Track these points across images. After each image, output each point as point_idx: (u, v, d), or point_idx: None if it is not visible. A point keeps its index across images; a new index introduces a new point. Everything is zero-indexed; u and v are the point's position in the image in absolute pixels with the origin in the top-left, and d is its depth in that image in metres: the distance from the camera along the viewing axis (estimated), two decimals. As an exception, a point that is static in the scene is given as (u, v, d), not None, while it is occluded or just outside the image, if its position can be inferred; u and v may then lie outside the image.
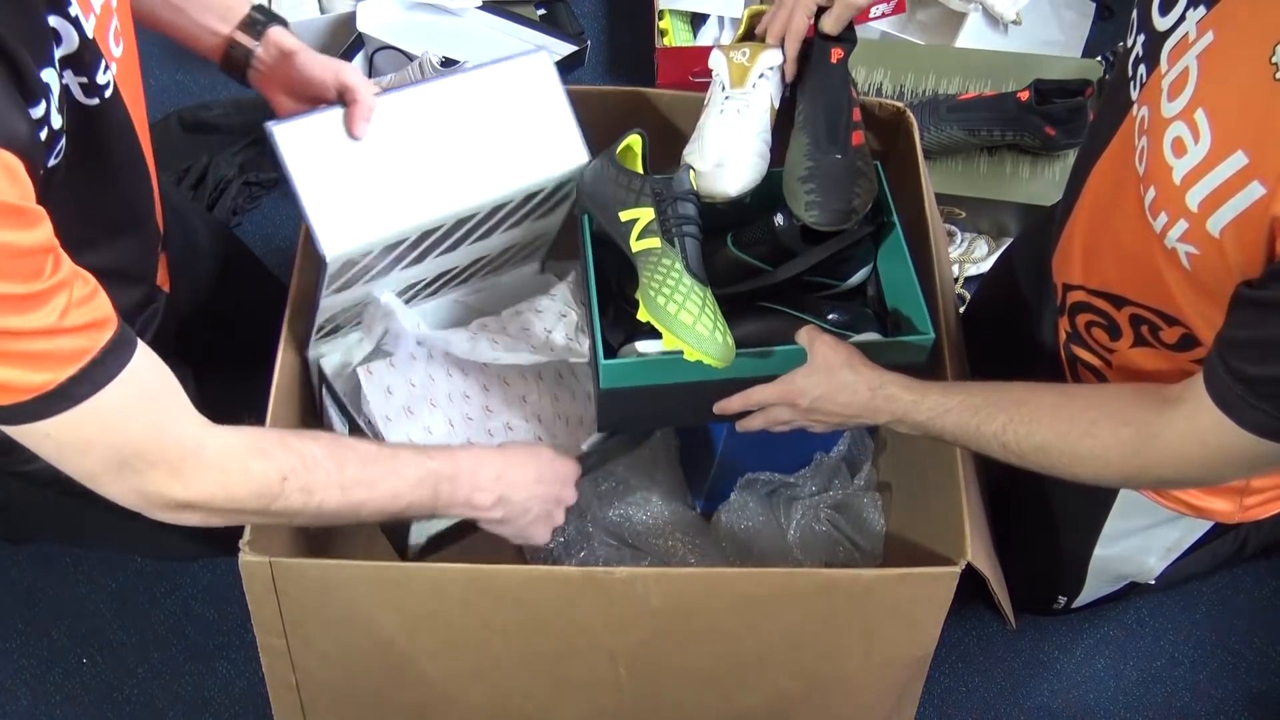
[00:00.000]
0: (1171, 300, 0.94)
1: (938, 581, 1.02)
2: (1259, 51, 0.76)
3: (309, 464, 0.90)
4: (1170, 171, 0.83)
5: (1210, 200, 0.80)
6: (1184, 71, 0.83)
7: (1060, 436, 0.92)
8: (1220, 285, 0.84)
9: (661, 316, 1.01)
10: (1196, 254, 0.84)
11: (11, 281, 0.71)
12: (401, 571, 1.02)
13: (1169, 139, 0.83)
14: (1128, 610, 1.50)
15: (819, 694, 1.12)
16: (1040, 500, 1.27)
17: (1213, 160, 0.79)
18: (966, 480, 1.09)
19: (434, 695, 1.11)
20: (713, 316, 1.02)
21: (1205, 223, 0.81)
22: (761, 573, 1.05)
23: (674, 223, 1.07)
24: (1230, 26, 0.80)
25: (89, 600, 1.48)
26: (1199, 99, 0.81)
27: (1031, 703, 1.44)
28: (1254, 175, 0.76)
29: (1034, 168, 1.70)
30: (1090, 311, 1.06)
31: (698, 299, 1.02)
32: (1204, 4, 0.83)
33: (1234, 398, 0.81)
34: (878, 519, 1.34)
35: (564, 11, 1.99)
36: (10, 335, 0.72)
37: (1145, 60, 0.90)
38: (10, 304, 0.71)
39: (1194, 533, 1.23)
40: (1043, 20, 1.99)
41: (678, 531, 1.38)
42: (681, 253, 1.05)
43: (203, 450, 0.85)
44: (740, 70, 1.15)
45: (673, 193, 1.07)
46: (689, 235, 1.06)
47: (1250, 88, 0.77)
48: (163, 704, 1.41)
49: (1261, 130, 0.76)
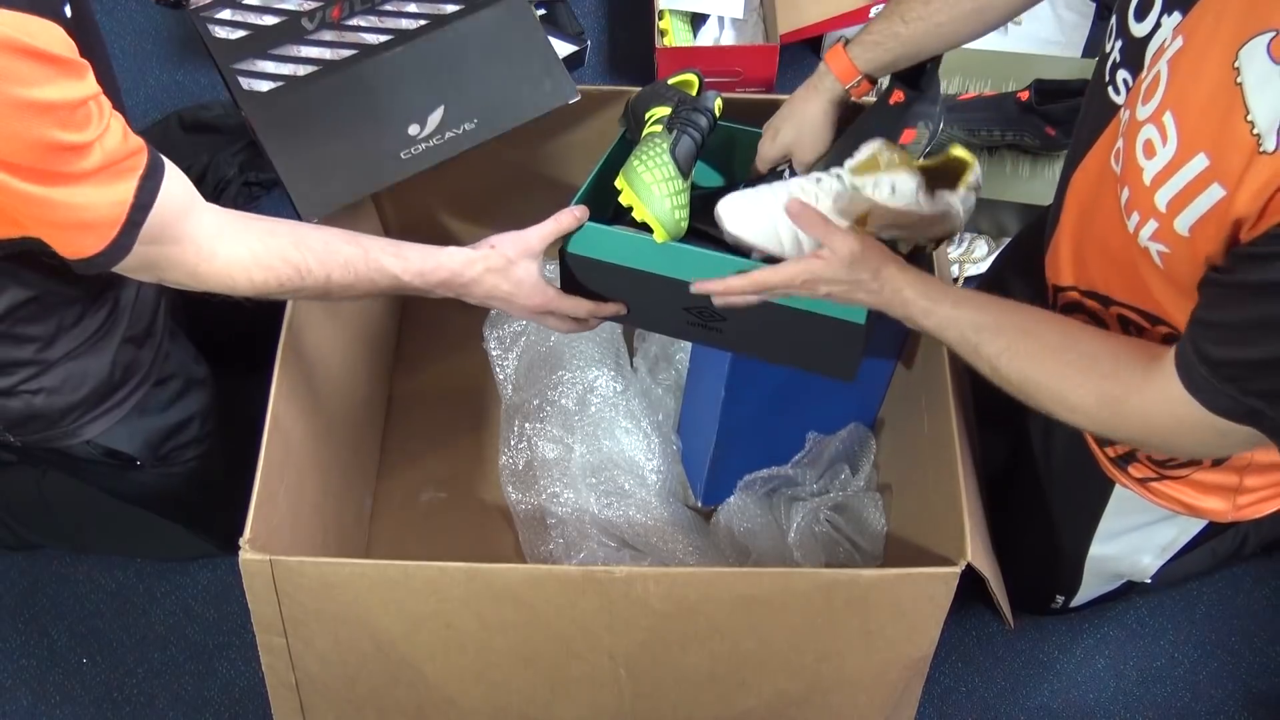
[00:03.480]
0: (1152, 299, 0.96)
1: (938, 581, 1.02)
2: (1223, 56, 0.77)
3: (302, 276, 1.01)
4: (1141, 173, 0.84)
5: (1177, 200, 0.81)
6: (1156, 76, 0.84)
7: (1050, 376, 0.93)
8: (1193, 282, 0.85)
9: (628, 173, 1.10)
10: (1167, 252, 0.86)
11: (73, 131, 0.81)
12: (401, 571, 1.02)
13: (1140, 141, 0.85)
14: (1127, 610, 1.50)
15: (819, 694, 1.12)
16: (1036, 499, 1.27)
17: (1178, 162, 0.81)
18: (966, 480, 1.09)
19: (434, 695, 1.11)
20: (672, 192, 1.09)
21: (1173, 222, 0.82)
22: (761, 573, 1.05)
23: (681, 120, 1.14)
24: (1198, 33, 0.81)
25: (89, 600, 1.48)
26: (1167, 102, 0.82)
27: (1031, 703, 1.44)
28: (1215, 177, 0.78)
29: (1034, 168, 1.70)
30: (1081, 312, 1.07)
31: (666, 172, 1.10)
32: (1179, 10, 0.84)
33: (1199, 379, 0.82)
34: (878, 519, 1.34)
35: (564, 11, 1.99)
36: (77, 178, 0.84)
37: (1125, 65, 0.92)
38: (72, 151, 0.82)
39: (1188, 532, 1.23)
40: (1043, 20, 1.99)
41: (678, 532, 1.38)
42: (674, 141, 1.13)
43: (214, 259, 0.97)
44: (873, 166, 1.06)
45: (694, 102, 1.14)
46: (688, 134, 1.13)
47: (1214, 92, 0.78)
48: (163, 704, 1.41)
49: (1221, 133, 0.77)
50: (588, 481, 1.41)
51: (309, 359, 1.21)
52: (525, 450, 1.45)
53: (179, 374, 1.23)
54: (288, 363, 1.14)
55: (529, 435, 1.46)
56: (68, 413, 1.12)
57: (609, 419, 1.44)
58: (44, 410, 1.10)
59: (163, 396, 1.21)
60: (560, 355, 1.48)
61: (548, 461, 1.43)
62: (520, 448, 1.46)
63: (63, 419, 1.12)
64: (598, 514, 1.39)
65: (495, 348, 1.52)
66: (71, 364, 1.09)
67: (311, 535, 1.21)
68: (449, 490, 1.48)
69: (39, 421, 1.11)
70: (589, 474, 1.41)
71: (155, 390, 1.19)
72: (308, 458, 1.20)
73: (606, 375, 1.47)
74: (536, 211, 1.51)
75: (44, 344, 1.06)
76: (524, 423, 1.46)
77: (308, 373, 1.21)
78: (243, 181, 1.80)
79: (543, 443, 1.44)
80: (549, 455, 1.44)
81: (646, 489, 1.41)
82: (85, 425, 1.14)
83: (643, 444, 1.43)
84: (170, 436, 1.23)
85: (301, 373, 1.19)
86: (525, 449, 1.46)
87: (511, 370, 1.51)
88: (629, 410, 1.45)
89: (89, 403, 1.13)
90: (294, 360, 1.16)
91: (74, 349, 1.09)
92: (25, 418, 1.11)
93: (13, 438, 1.13)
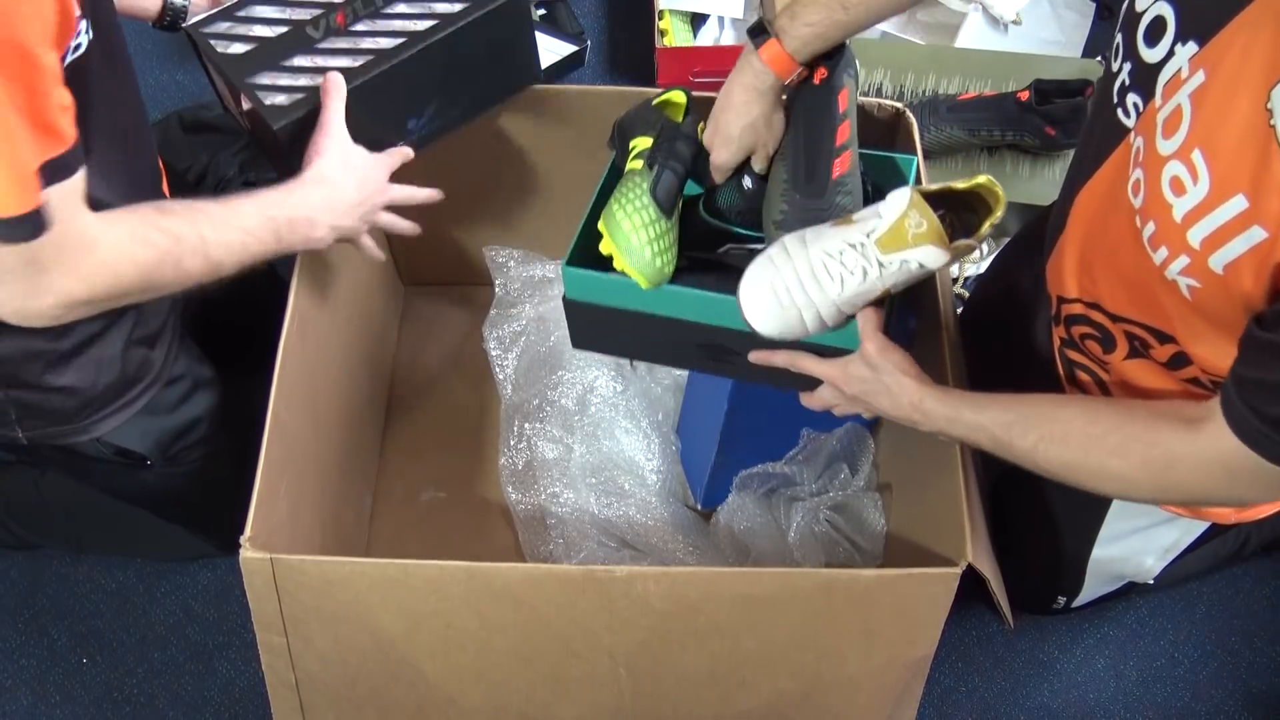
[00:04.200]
0: (1167, 321, 0.95)
1: (938, 582, 1.02)
2: (1254, 95, 0.77)
3: (178, 239, 0.97)
4: (1170, 209, 0.84)
5: (1212, 240, 0.81)
6: (1177, 109, 0.84)
7: (1091, 457, 0.93)
8: (1222, 313, 0.85)
9: (607, 220, 1.08)
10: (1199, 287, 0.85)
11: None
12: (401, 570, 1.02)
13: (1166, 177, 0.84)
14: (1128, 610, 1.50)
15: (819, 694, 1.12)
16: (1038, 501, 1.27)
17: (1213, 201, 0.80)
18: (966, 480, 1.09)
19: (434, 694, 1.11)
20: (652, 237, 1.06)
21: (1207, 260, 0.82)
22: (761, 573, 1.05)
23: (663, 153, 1.11)
24: (1223, 68, 0.80)
25: (89, 600, 1.48)
26: (1195, 139, 0.82)
27: (1031, 703, 1.44)
28: (1255, 219, 0.77)
29: (1034, 168, 1.70)
30: (1085, 324, 1.06)
31: (646, 217, 1.06)
32: (1195, 41, 0.83)
33: (1256, 433, 0.82)
34: (878, 519, 1.34)
35: (564, 11, 1.99)
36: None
37: (1136, 89, 0.91)
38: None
39: (1191, 533, 1.23)
40: (1043, 20, 1.99)
41: (678, 532, 1.38)
42: (655, 179, 1.10)
43: (97, 248, 0.92)
44: (899, 237, 0.99)
45: (676, 132, 1.11)
46: (670, 169, 1.10)
47: (1245, 132, 0.77)
48: (163, 704, 1.41)
49: (1260, 175, 0.77)
50: (587, 481, 1.41)
51: (309, 359, 1.21)
52: (525, 450, 1.46)
53: (187, 375, 1.24)
54: (288, 363, 1.14)
55: (529, 435, 1.46)
56: (82, 409, 1.12)
57: (609, 419, 1.44)
58: (60, 406, 1.11)
59: (172, 397, 1.22)
60: (560, 355, 1.48)
61: (547, 461, 1.43)
62: (520, 448, 1.46)
63: (77, 415, 1.12)
64: (598, 514, 1.39)
65: (495, 348, 1.52)
66: (85, 359, 1.10)
67: (311, 534, 1.21)
68: (449, 490, 1.48)
69: (55, 415, 1.12)
70: (589, 474, 1.41)
71: (165, 391, 1.20)
72: (308, 458, 1.20)
73: (606, 375, 1.47)
74: (536, 211, 1.52)
75: (55, 334, 1.07)
76: (524, 423, 1.46)
77: (308, 373, 1.21)
78: (243, 181, 1.80)
79: (542, 443, 1.44)
80: (549, 455, 1.44)
81: (646, 489, 1.41)
82: (97, 422, 1.14)
83: (642, 444, 1.43)
84: (180, 437, 1.24)
85: (301, 373, 1.19)
86: (525, 449, 1.46)
87: (511, 370, 1.51)
88: (629, 410, 1.45)
89: (103, 399, 1.13)
90: (294, 360, 1.16)
91: (84, 341, 1.09)
92: (42, 411, 1.11)
93: (23, 433, 1.13)
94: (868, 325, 1.04)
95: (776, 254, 1.04)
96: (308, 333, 1.20)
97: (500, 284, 1.55)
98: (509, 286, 1.55)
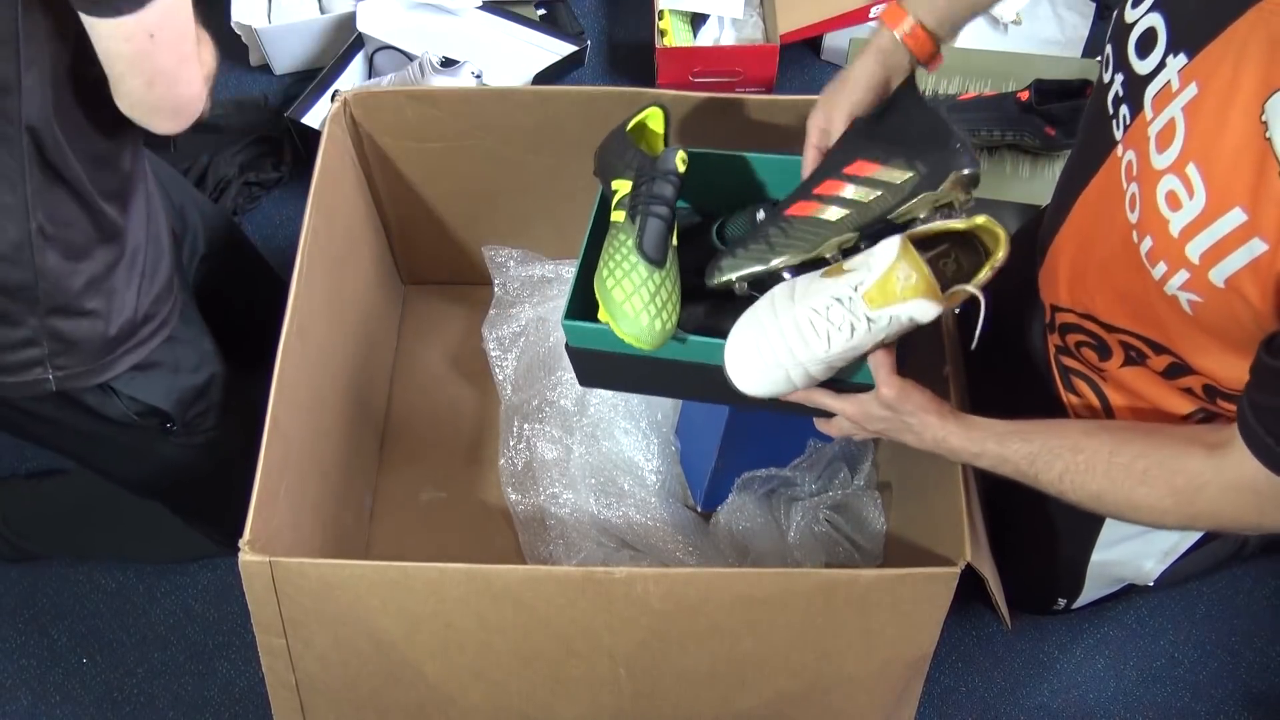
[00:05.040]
0: (1164, 334, 0.95)
1: (937, 582, 1.02)
2: (1248, 108, 0.77)
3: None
4: (1167, 224, 0.84)
5: (1211, 253, 0.81)
6: (1170, 123, 0.83)
7: (1117, 486, 0.93)
8: (1225, 327, 0.85)
9: (600, 289, 1.04)
10: (1199, 301, 0.85)
11: None
12: (401, 571, 1.02)
13: (1162, 191, 0.84)
14: (1127, 610, 1.50)
15: (819, 694, 1.12)
16: (1038, 506, 1.27)
17: (1211, 215, 0.80)
18: (966, 481, 1.09)
19: (434, 695, 1.11)
20: (647, 299, 1.02)
21: (1208, 274, 0.82)
22: (761, 573, 1.05)
23: (644, 200, 1.05)
24: (1215, 80, 0.80)
25: (89, 600, 1.48)
26: (1190, 153, 0.82)
27: (1031, 703, 1.44)
28: (1254, 232, 0.77)
29: (1034, 168, 1.70)
30: (1079, 332, 1.06)
31: (637, 279, 1.02)
32: (1184, 53, 0.83)
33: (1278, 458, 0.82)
34: (878, 519, 1.34)
35: (564, 11, 1.99)
36: None
37: (1126, 101, 0.91)
38: None
39: (1190, 536, 1.23)
40: (1043, 20, 1.99)
41: (677, 532, 1.38)
42: (639, 231, 1.04)
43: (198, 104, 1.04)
44: (887, 292, 0.94)
45: (653, 170, 1.05)
46: (654, 215, 1.05)
47: (1241, 145, 0.77)
48: (163, 704, 1.41)
49: (1257, 187, 0.77)
50: (587, 482, 1.41)
51: (309, 359, 1.21)
52: (525, 451, 1.46)
53: (195, 342, 1.25)
54: (287, 363, 1.14)
55: (528, 436, 1.46)
56: (107, 345, 1.13)
57: (608, 419, 1.44)
58: (88, 334, 1.11)
59: (191, 357, 1.23)
60: (560, 356, 1.48)
61: (547, 462, 1.43)
62: (519, 448, 1.46)
63: (102, 351, 1.13)
64: (597, 514, 1.39)
65: (495, 348, 1.52)
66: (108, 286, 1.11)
67: (312, 535, 1.21)
68: (449, 490, 1.48)
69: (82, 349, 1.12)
70: (588, 474, 1.41)
71: (178, 347, 1.21)
72: (307, 458, 1.20)
73: (606, 375, 1.47)
74: (536, 211, 1.52)
75: (79, 252, 1.09)
76: (523, 423, 1.46)
77: (307, 373, 1.21)
78: (243, 181, 1.80)
79: (542, 443, 1.44)
80: (548, 456, 1.44)
81: (646, 489, 1.41)
82: (121, 356, 1.15)
83: (642, 444, 1.43)
84: (200, 395, 1.25)
85: (301, 373, 1.19)
86: (524, 449, 1.46)
87: (511, 371, 1.51)
88: (628, 411, 1.45)
89: (124, 334, 1.14)
90: (294, 360, 1.16)
91: (109, 264, 1.11)
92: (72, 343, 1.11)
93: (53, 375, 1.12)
94: (880, 370, 1.00)
95: (764, 311, 1.01)
96: (308, 333, 1.20)
97: (500, 284, 1.55)
98: (508, 286, 1.55)
